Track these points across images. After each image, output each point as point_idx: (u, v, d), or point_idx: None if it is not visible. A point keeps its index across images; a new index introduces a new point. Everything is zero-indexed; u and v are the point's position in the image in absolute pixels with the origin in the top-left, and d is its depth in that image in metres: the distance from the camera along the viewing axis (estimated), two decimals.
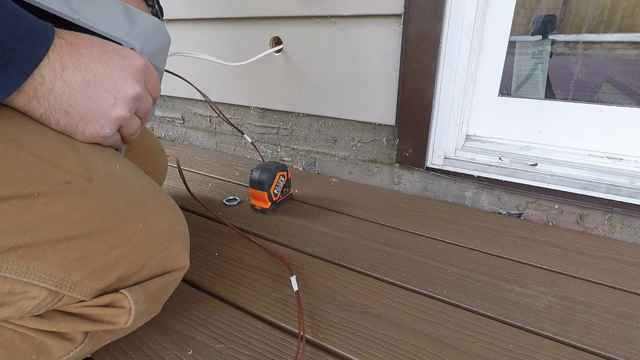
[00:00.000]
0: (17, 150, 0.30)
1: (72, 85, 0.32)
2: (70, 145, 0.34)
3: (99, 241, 0.34)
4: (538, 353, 0.42)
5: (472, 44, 0.66)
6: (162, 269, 0.39)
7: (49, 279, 0.31)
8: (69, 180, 0.33)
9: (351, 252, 0.60)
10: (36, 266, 0.30)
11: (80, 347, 0.36)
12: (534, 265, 0.57)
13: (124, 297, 0.35)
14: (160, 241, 0.39)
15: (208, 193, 0.81)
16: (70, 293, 0.32)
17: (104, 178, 0.36)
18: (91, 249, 0.33)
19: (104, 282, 0.34)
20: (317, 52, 0.78)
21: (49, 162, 0.32)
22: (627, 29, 0.99)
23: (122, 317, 0.36)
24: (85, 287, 0.33)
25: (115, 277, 0.35)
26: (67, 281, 0.32)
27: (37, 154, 0.31)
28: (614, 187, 0.62)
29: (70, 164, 0.33)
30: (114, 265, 0.34)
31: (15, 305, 0.31)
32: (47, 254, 0.31)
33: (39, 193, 0.30)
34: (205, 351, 0.43)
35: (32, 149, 0.31)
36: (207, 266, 0.57)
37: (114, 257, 0.34)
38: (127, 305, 0.35)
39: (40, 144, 0.32)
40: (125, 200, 0.37)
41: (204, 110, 1.06)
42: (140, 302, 0.36)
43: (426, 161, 0.76)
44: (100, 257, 0.33)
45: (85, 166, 0.34)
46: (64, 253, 0.31)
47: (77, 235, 0.32)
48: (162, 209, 0.40)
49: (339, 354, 0.43)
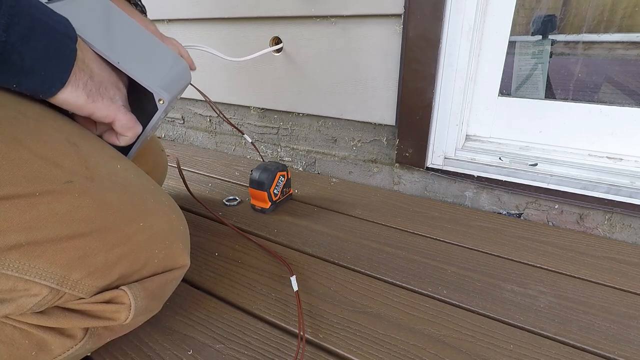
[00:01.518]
0: (20, 149, 0.31)
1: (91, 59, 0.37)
2: (72, 145, 0.35)
3: (100, 240, 0.34)
4: (538, 353, 0.42)
5: (472, 44, 0.66)
6: (162, 268, 0.39)
7: (51, 277, 0.31)
8: (71, 179, 0.33)
9: (351, 252, 0.60)
10: (38, 264, 0.31)
11: (80, 344, 0.36)
12: (534, 265, 0.57)
13: (124, 293, 0.36)
14: (160, 240, 0.39)
15: (208, 193, 0.81)
16: (71, 291, 0.33)
17: (105, 177, 0.36)
18: (92, 248, 0.33)
19: (105, 280, 0.34)
20: (317, 52, 0.78)
21: (51, 162, 0.32)
22: (627, 29, 0.99)
23: (122, 314, 0.36)
24: (86, 285, 0.33)
25: (117, 275, 0.35)
26: (68, 279, 0.32)
27: (39, 153, 0.32)
28: (614, 187, 0.62)
29: (72, 164, 0.34)
30: (115, 264, 0.35)
31: (17, 302, 0.32)
32: (48, 252, 0.31)
33: (41, 192, 0.31)
34: (205, 351, 0.43)
35: (35, 148, 0.32)
36: (207, 266, 0.57)
37: (115, 256, 0.35)
38: (127, 302, 0.36)
39: (43, 143, 0.32)
40: (126, 200, 0.37)
41: (204, 110, 1.06)
42: (140, 299, 0.37)
43: (426, 161, 0.76)
44: (101, 256, 0.34)
45: (86, 166, 0.35)
46: (65, 251, 0.32)
47: (79, 234, 0.32)
48: (162, 208, 0.41)
49: (339, 354, 0.43)
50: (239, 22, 0.85)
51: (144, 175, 0.43)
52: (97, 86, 0.36)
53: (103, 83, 0.37)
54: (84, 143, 0.36)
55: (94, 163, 0.36)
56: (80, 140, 0.36)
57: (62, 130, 0.35)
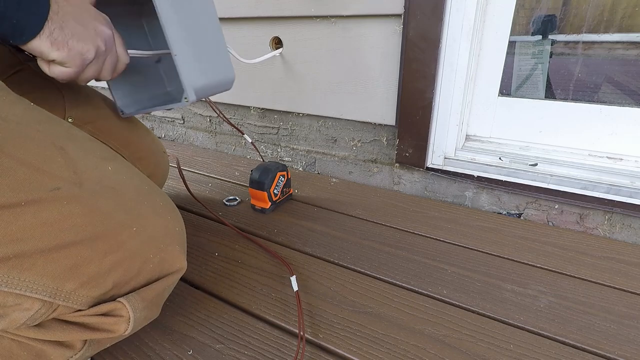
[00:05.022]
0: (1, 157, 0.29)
1: (67, 12, 0.35)
2: (58, 149, 0.34)
3: (92, 248, 0.33)
4: (538, 353, 0.42)
5: (472, 44, 0.66)
6: (158, 273, 0.39)
7: (42, 290, 0.30)
8: (58, 186, 0.32)
9: (351, 252, 0.60)
10: (27, 277, 0.29)
11: (80, 354, 0.36)
12: (534, 265, 0.57)
13: (122, 305, 0.35)
14: (155, 244, 0.38)
15: (208, 193, 0.81)
16: (65, 303, 0.32)
17: (94, 182, 0.35)
18: (84, 257, 0.32)
19: (100, 289, 0.33)
20: (317, 52, 0.78)
21: (35, 168, 0.31)
22: (627, 29, 0.99)
23: (121, 326, 0.35)
24: (80, 295, 0.32)
25: (111, 284, 0.34)
26: (61, 291, 0.31)
27: (22, 160, 0.30)
28: (614, 187, 0.62)
29: (59, 169, 0.33)
30: (109, 272, 0.34)
31: (10, 317, 0.30)
32: (38, 264, 0.30)
33: (27, 201, 0.29)
34: (205, 351, 0.43)
35: (17, 154, 0.30)
36: (207, 266, 0.57)
37: (108, 264, 0.34)
38: (126, 314, 0.35)
39: (25, 149, 0.31)
40: (118, 204, 0.36)
41: (204, 110, 1.06)
42: (139, 310, 0.36)
43: (426, 161, 0.76)
44: (93, 265, 0.33)
45: (74, 170, 0.34)
46: (55, 262, 0.31)
47: (69, 243, 0.31)
48: (157, 210, 0.40)
49: (339, 354, 0.43)
50: (238, 22, 0.85)
51: (137, 175, 0.42)
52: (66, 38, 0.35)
53: (75, 35, 0.36)
54: (72, 145, 0.35)
55: (83, 166, 0.35)
56: (68, 143, 0.35)
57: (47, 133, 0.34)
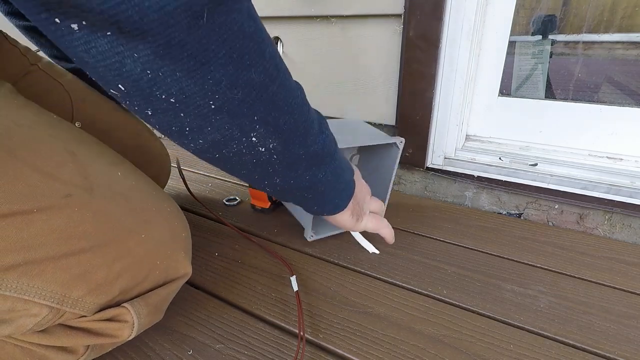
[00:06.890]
0: (14, 162, 0.29)
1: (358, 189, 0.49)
2: (69, 154, 0.34)
3: (101, 255, 0.33)
4: (538, 353, 0.42)
5: (472, 44, 0.66)
6: (164, 278, 0.39)
7: (50, 296, 0.30)
8: (70, 192, 0.32)
9: (351, 252, 0.60)
10: (37, 284, 0.30)
11: (82, 359, 0.36)
12: (534, 265, 0.57)
13: (127, 311, 0.35)
14: (162, 250, 0.38)
15: (208, 193, 0.81)
16: (72, 309, 0.32)
17: (104, 187, 0.35)
18: (93, 264, 0.32)
19: (106, 296, 0.34)
20: (317, 52, 0.78)
21: (48, 175, 0.31)
22: (627, 29, 0.99)
23: (124, 331, 0.35)
24: (87, 302, 0.32)
25: (118, 290, 0.34)
26: (69, 298, 0.31)
27: (35, 166, 0.31)
28: (614, 187, 0.62)
29: (70, 175, 0.33)
30: (117, 279, 0.34)
31: (17, 322, 0.31)
32: (47, 271, 0.30)
33: (39, 208, 0.30)
34: (205, 351, 0.43)
35: (30, 160, 0.30)
36: (208, 266, 0.57)
37: (116, 271, 0.34)
38: (130, 320, 0.35)
39: (38, 154, 0.31)
40: (127, 210, 0.36)
41: None
42: (143, 316, 0.36)
43: (426, 161, 0.76)
44: (102, 272, 0.33)
45: (85, 175, 0.34)
46: (64, 269, 0.31)
47: (78, 250, 0.31)
48: (164, 215, 0.40)
49: (339, 354, 0.43)
50: None
51: (145, 180, 0.42)
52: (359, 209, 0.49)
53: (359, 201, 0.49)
54: (82, 150, 0.35)
55: (93, 172, 0.35)
56: (79, 147, 0.35)
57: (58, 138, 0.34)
